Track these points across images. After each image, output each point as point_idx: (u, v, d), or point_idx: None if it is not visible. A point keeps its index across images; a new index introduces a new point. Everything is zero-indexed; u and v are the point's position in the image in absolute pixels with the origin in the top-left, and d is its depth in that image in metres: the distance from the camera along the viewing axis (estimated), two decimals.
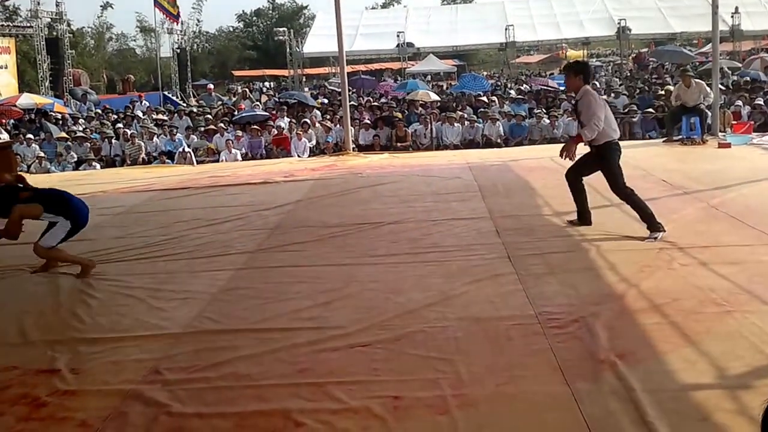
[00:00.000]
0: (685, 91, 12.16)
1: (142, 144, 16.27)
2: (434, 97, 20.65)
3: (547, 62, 51.49)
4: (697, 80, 12.43)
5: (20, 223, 5.70)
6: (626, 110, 16.85)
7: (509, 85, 27.45)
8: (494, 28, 34.47)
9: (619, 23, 32.49)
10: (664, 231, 5.86)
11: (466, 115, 17.11)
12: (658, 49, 32.12)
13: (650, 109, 16.31)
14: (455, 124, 16.50)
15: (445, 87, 30.93)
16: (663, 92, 18.32)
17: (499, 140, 15.96)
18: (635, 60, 35.42)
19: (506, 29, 33.30)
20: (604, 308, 4.31)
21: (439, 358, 3.74)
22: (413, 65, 38.20)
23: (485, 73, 37.10)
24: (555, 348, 3.77)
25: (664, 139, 12.86)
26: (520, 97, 20.08)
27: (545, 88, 21.35)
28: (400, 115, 17.39)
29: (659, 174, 8.83)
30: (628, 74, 30.57)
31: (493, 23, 35.01)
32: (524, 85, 25.00)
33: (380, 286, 5.02)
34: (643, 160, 10.14)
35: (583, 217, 6.50)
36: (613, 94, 19.51)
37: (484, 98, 19.44)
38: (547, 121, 16.38)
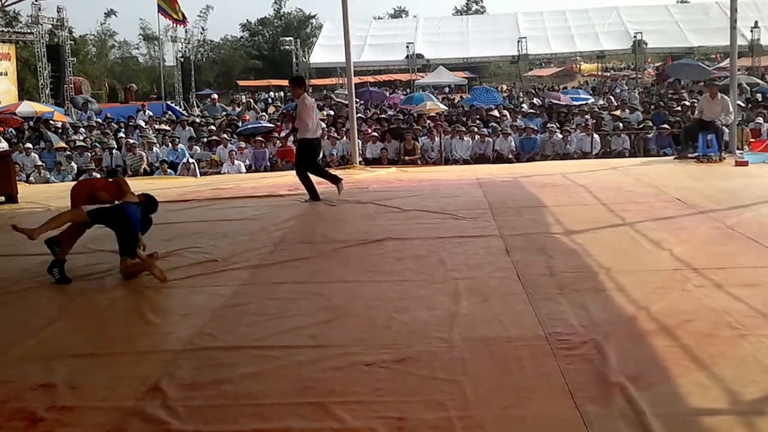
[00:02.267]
0: (709, 102, 12.18)
1: (144, 154, 16.37)
2: (441, 107, 20.70)
3: (560, 75, 51.60)
4: (723, 95, 12.40)
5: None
6: (641, 126, 16.86)
7: (521, 99, 27.51)
8: (506, 41, 34.63)
9: (635, 37, 32.60)
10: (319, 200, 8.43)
11: (476, 129, 17.14)
12: (675, 63, 32.14)
13: (665, 125, 16.32)
14: (465, 138, 16.54)
15: (456, 100, 31.01)
16: (679, 108, 18.36)
17: (510, 155, 15.99)
18: (659, 78, 35.34)
19: (519, 41, 33.45)
20: (615, 330, 4.31)
21: (445, 378, 3.75)
22: (423, 77, 38.31)
23: (504, 86, 37.09)
24: (564, 370, 3.77)
25: (676, 155, 12.87)
26: (532, 111, 20.11)
27: (557, 102, 21.39)
28: (414, 128, 17.44)
29: (673, 192, 8.85)
30: (644, 89, 30.55)
31: (506, 35, 35.18)
32: (536, 99, 25.03)
33: (384, 304, 5.03)
34: (656, 177, 10.17)
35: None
36: (627, 110, 19.54)
37: (496, 112, 19.50)
38: (560, 136, 16.40)
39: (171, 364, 4.14)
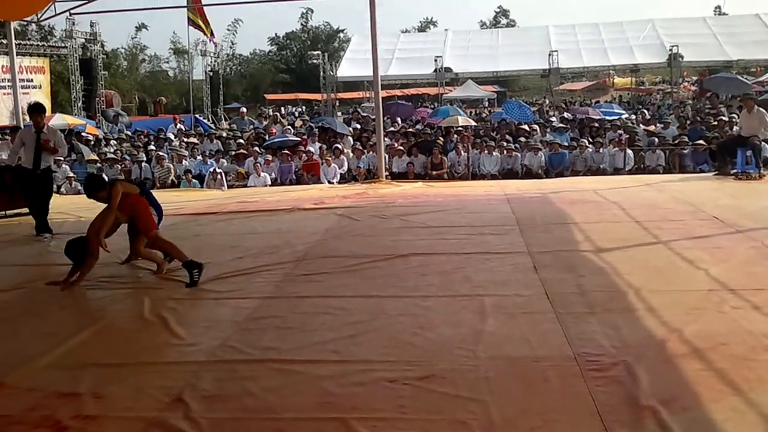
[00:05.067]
0: (746, 116, 12.02)
1: (172, 167, 16.55)
2: (469, 122, 20.66)
3: (592, 89, 51.28)
4: (760, 108, 12.22)
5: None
6: (676, 141, 16.68)
7: (551, 113, 27.38)
8: (537, 54, 34.49)
9: (670, 50, 32.27)
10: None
11: (504, 144, 17.07)
12: (713, 77, 31.76)
13: (701, 141, 16.11)
14: (493, 153, 16.49)
15: (484, 115, 30.95)
16: (716, 123, 18.13)
17: (539, 171, 15.90)
18: (701, 92, 35.04)
19: (550, 55, 33.31)
20: (647, 351, 4.23)
21: (470, 398, 3.71)
22: (451, 91, 38.30)
23: (536, 99, 36.91)
24: (594, 392, 3.71)
25: (716, 172, 12.70)
26: (562, 125, 20.01)
27: (589, 117, 21.26)
28: (440, 141, 17.43)
29: (710, 210, 8.70)
30: (680, 104, 30.24)
31: (536, 48, 35.05)
32: (567, 113, 24.90)
33: (408, 320, 5.00)
34: (693, 194, 10.03)
35: None
36: (661, 125, 19.36)
37: (526, 126, 19.42)
38: (591, 150, 16.27)
39: (194, 376, 4.16)
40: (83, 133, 22.14)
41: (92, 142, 20.76)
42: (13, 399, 3.99)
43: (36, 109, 9.40)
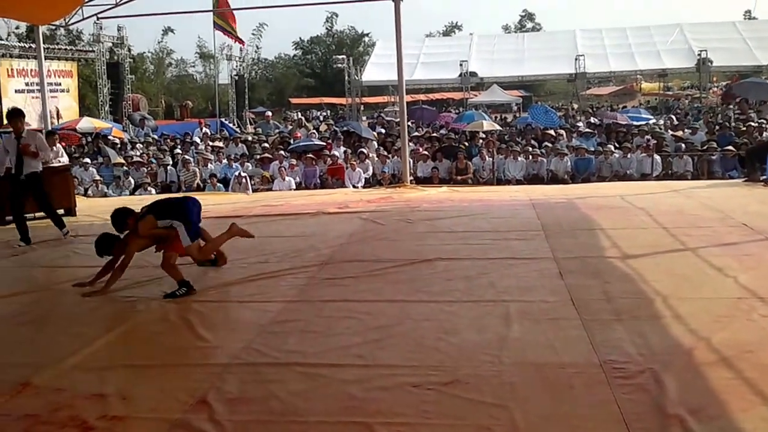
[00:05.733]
0: None
1: (197, 170, 16.68)
2: (494, 127, 20.61)
3: (619, 94, 50.97)
4: None
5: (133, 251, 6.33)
6: (705, 147, 16.51)
7: (578, 118, 27.22)
8: (563, 58, 34.31)
9: (699, 55, 31.93)
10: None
11: (530, 149, 17.01)
12: (742, 82, 31.36)
13: (730, 147, 15.93)
14: (518, 158, 16.43)
15: (510, 119, 30.84)
16: (745, 128, 17.92)
17: (565, 176, 15.82)
18: (725, 97, 34.62)
19: (576, 59, 33.12)
20: (674, 359, 4.20)
21: (494, 404, 3.70)
22: (476, 96, 38.22)
23: (562, 104, 36.69)
24: (620, 400, 3.69)
25: (746, 178, 12.56)
26: (588, 130, 19.89)
27: (616, 122, 21.11)
28: (465, 146, 17.41)
29: (739, 217, 8.60)
30: (709, 109, 29.93)
31: (563, 53, 34.87)
32: (593, 118, 24.74)
33: (433, 325, 5.01)
34: (721, 201, 9.93)
35: None
36: (689, 130, 19.18)
37: (551, 131, 19.33)
38: (617, 156, 16.17)
39: (218, 378, 4.19)
40: (110, 137, 22.36)
41: (119, 146, 20.97)
42: (41, 399, 4.04)
43: (14, 114, 9.27)
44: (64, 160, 12.72)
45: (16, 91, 30.32)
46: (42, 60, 16.17)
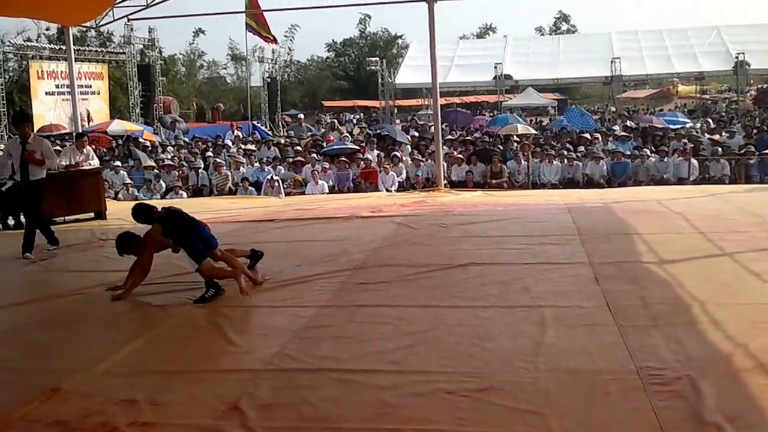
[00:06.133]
0: None
1: (229, 174, 16.80)
2: (530, 130, 20.51)
3: (656, 97, 50.44)
4: None
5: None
6: (742, 151, 16.27)
7: (614, 121, 27.00)
8: (599, 61, 34.08)
9: (736, 57, 31.53)
10: None
11: (565, 153, 16.91)
12: None
13: None
14: (554, 162, 16.34)
15: (545, 123, 30.68)
16: None
17: (601, 180, 15.70)
18: (756, 101, 34.12)
19: (612, 62, 32.89)
20: (711, 366, 4.16)
21: (529, 410, 3.70)
22: (511, 98, 38.10)
23: (598, 107, 36.40)
24: (656, 407, 3.67)
25: None
26: (625, 134, 19.72)
27: (653, 126, 20.90)
28: (499, 150, 17.35)
29: None
30: (746, 112, 29.51)
31: (598, 55, 34.64)
32: (630, 122, 24.53)
33: (467, 331, 5.01)
34: (759, 205, 9.80)
35: None
36: (726, 134, 18.92)
37: (587, 135, 19.20)
38: (653, 160, 16.00)
39: (251, 384, 4.22)
40: (140, 139, 22.58)
41: (149, 149, 21.16)
42: (71, 404, 4.09)
43: (21, 119, 9.16)
44: (95, 162, 12.88)
45: (46, 93, 30.89)
46: (72, 62, 16.36)
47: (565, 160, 16.38)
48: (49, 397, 4.17)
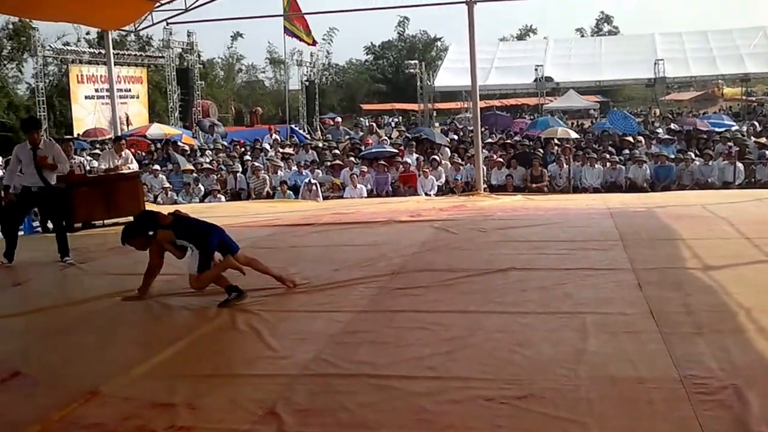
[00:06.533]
0: None
1: (267, 177, 16.94)
2: (571, 133, 20.36)
3: (700, 100, 49.67)
4: None
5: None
6: None
7: (657, 124, 26.66)
8: (642, 63, 33.70)
9: None
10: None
11: (608, 156, 16.74)
12: None
13: None
14: (596, 165, 16.19)
15: (587, 125, 30.42)
16: None
17: (644, 184, 15.52)
18: None
19: (656, 64, 32.48)
20: (758, 374, 4.08)
21: (570, 419, 3.66)
22: (551, 101, 37.86)
23: (641, 109, 35.99)
24: (701, 416, 3.60)
25: None
26: (668, 137, 19.47)
27: (698, 128, 20.60)
28: (540, 153, 17.24)
29: None
30: None
31: (642, 57, 34.25)
32: (673, 124, 24.20)
33: (507, 337, 4.98)
34: None
35: None
36: None
37: (630, 138, 19.00)
38: (699, 163, 15.77)
39: (287, 389, 4.24)
40: (179, 143, 22.84)
41: (188, 152, 21.40)
42: (109, 407, 4.13)
43: (31, 125, 9.14)
44: (134, 166, 13.09)
45: (86, 97, 31.46)
46: (112, 66, 16.62)
47: (608, 164, 16.23)
48: (87, 400, 4.22)
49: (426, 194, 15.45)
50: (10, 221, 9.09)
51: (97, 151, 18.89)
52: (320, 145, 22.09)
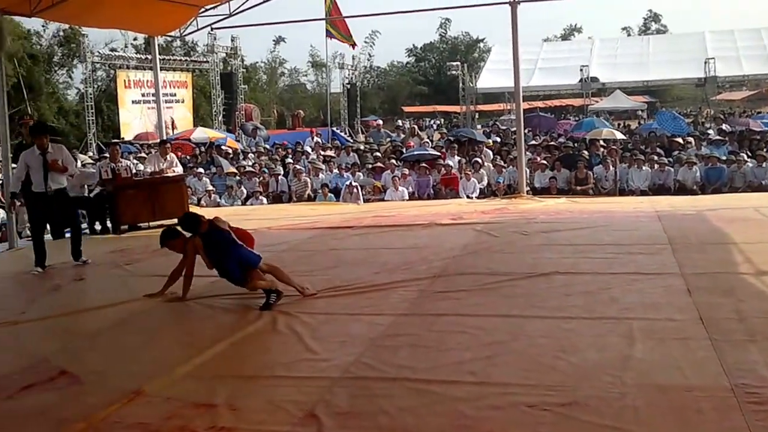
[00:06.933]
0: None
1: (308, 180, 17.04)
2: (616, 134, 20.10)
3: (753, 99, 48.70)
4: None
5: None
6: None
7: (708, 125, 26.20)
8: (692, 62, 33.17)
9: None
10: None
11: (656, 158, 16.48)
12: None
13: None
14: (643, 167, 15.96)
15: (634, 127, 30.06)
16: None
17: (694, 187, 15.25)
18: None
19: (706, 63, 31.95)
20: None
21: (615, 427, 3.60)
22: (597, 102, 37.50)
23: (690, 110, 35.46)
24: (753, 427, 3.52)
25: None
26: (719, 138, 19.11)
27: (751, 129, 20.20)
28: (585, 155, 17.06)
29: None
30: None
31: (691, 56, 33.71)
32: (725, 125, 23.75)
33: (550, 343, 4.92)
34: None
35: None
36: None
37: (679, 139, 18.70)
38: (752, 165, 15.44)
39: (328, 392, 4.25)
40: (223, 147, 23.13)
41: (231, 156, 21.66)
42: (152, 407, 4.20)
43: (39, 131, 9.21)
44: (179, 169, 13.30)
45: (132, 102, 32.12)
46: (158, 71, 16.94)
47: (656, 165, 15.97)
48: (131, 400, 4.30)
49: (468, 197, 15.38)
50: (34, 230, 9.22)
51: (143, 154, 19.21)
52: (361, 147, 22.13)
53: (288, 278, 6.64)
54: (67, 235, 9.57)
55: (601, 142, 18.57)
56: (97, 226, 12.19)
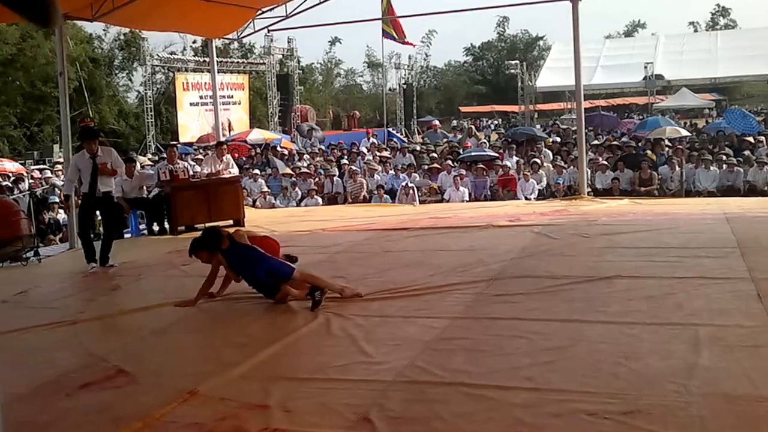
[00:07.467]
0: None
1: (364, 181, 17.10)
2: (681, 132, 19.68)
3: None
4: None
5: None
6: None
7: None
8: (763, 58, 32.38)
9: None
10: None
11: (724, 157, 16.10)
12: None
13: None
14: (711, 168, 15.60)
15: (701, 125, 29.46)
16: None
17: (765, 188, 14.85)
18: None
19: None
20: None
21: None
22: (662, 100, 36.85)
23: (762, 108, 34.57)
24: None
25: None
26: None
27: None
28: (652, 156, 16.75)
29: None
30: None
31: (762, 52, 32.89)
32: None
33: (612, 349, 4.82)
34: None
35: None
36: None
37: (750, 138, 18.24)
38: None
39: (381, 395, 4.23)
40: (279, 148, 23.37)
41: (286, 157, 21.87)
42: (206, 407, 4.24)
43: (88, 135, 9.42)
44: (234, 171, 13.50)
45: (190, 104, 32.78)
46: (215, 73, 17.26)
47: (724, 166, 15.61)
48: (186, 400, 4.35)
49: (526, 198, 15.27)
50: (82, 228, 9.60)
51: (200, 156, 19.54)
52: (418, 148, 22.14)
53: (324, 282, 6.61)
54: (127, 235, 9.81)
55: (666, 142, 18.22)
56: (155, 227, 12.44)
